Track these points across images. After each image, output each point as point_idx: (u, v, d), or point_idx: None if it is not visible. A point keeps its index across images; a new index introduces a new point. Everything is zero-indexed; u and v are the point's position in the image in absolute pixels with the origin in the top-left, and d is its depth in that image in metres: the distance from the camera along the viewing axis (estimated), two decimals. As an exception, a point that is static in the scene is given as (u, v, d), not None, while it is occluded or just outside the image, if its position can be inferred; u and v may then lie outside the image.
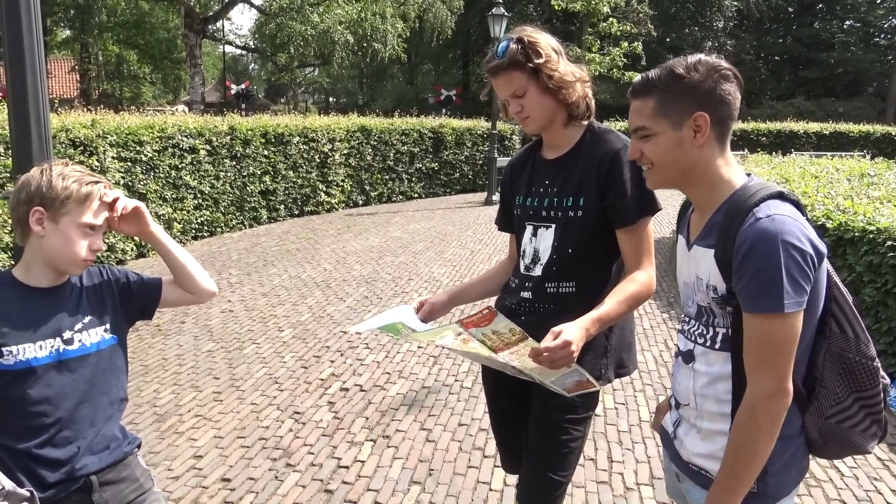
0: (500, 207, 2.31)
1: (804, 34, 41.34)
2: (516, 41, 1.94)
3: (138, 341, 5.49)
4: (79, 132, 7.83)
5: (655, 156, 1.53)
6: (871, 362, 1.45)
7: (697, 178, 1.53)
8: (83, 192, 1.72)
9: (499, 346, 1.73)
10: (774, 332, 1.37)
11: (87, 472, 1.76)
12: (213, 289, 1.99)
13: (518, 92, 1.96)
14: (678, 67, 1.47)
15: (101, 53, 36.52)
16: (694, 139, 1.48)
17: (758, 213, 1.40)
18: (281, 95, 54.49)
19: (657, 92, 1.49)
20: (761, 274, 1.36)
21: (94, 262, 1.82)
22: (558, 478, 2.01)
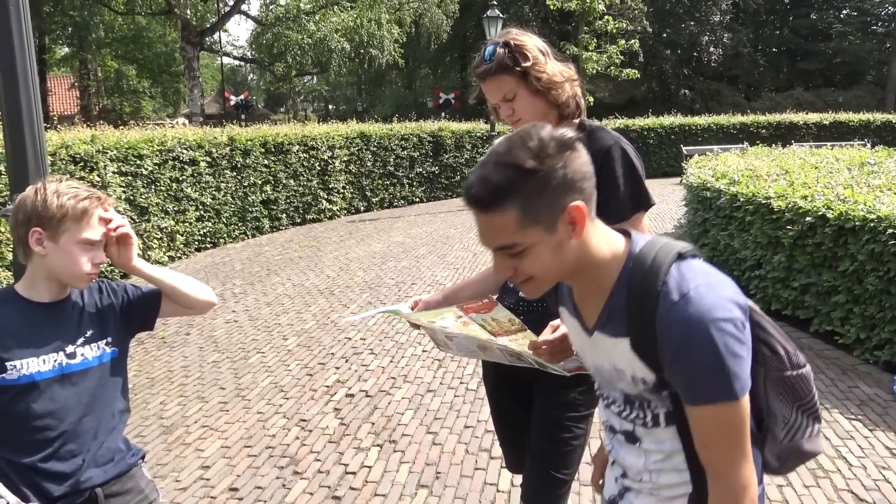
0: None
1: (801, 25, 41.27)
2: (503, 45, 1.95)
3: (144, 354, 5.51)
4: (79, 148, 7.86)
5: (538, 270, 1.26)
6: (804, 369, 1.36)
7: (583, 269, 1.30)
8: (79, 209, 1.73)
9: (498, 332, 1.75)
10: (733, 418, 1.22)
11: (92, 484, 1.77)
12: (210, 300, 1.99)
13: (508, 95, 1.97)
14: (525, 160, 1.19)
15: (100, 69, 36.70)
16: (573, 234, 1.24)
17: (669, 294, 1.21)
18: (280, 105, 54.60)
19: (514, 198, 1.19)
20: (701, 369, 1.19)
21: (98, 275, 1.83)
22: (562, 476, 2.01)
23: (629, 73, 21.30)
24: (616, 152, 1.93)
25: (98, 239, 1.77)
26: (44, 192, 1.74)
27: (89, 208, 1.74)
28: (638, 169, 1.95)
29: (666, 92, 39.75)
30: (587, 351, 1.42)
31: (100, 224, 1.78)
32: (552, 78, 1.94)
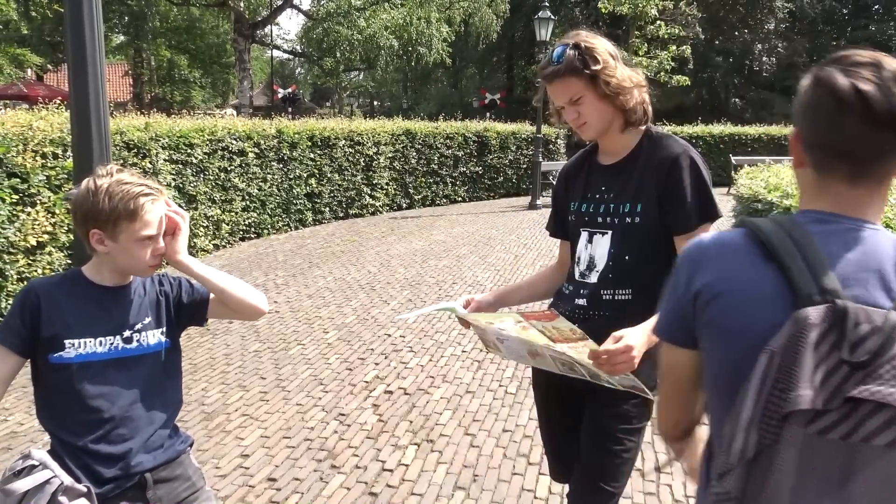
0: (553, 213, 2.27)
1: (859, 36, 40.11)
2: (573, 47, 1.90)
3: (187, 340, 5.60)
4: (132, 135, 8.02)
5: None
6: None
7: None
8: (131, 209, 1.72)
9: (557, 339, 1.72)
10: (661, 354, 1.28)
11: (142, 469, 1.79)
12: (260, 307, 1.93)
13: (575, 98, 1.93)
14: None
15: (153, 58, 37.43)
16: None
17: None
18: (326, 99, 55.09)
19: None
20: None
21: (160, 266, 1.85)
22: (610, 489, 1.97)
23: (679, 80, 20.99)
24: (684, 161, 1.89)
25: (156, 233, 1.78)
26: (96, 191, 1.73)
27: (142, 205, 1.74)
28: (706, 179, 1.90)
29: (716, 100, 39.08)
30: None
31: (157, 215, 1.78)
32: (621, 83, 1.90)
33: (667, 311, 1.22)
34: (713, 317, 1.12)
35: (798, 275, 1.04)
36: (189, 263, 1.85)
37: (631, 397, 1.97)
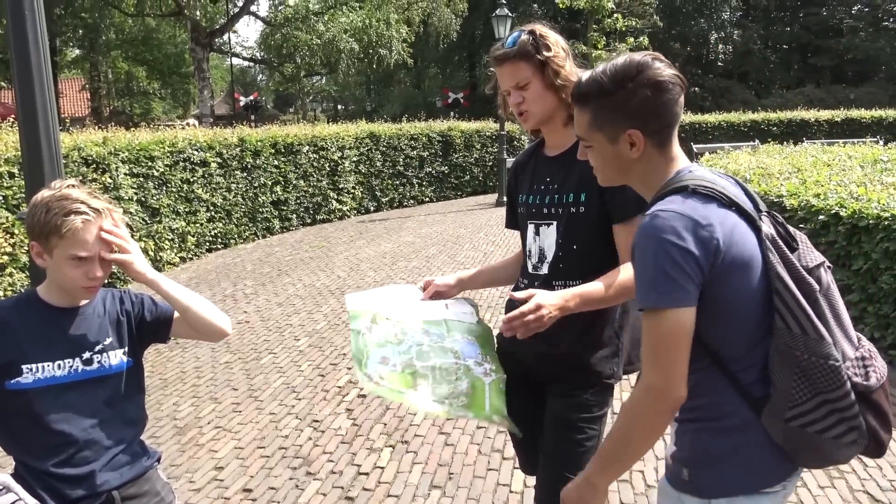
0: (507, 206, 2.31)
1: (812, 21, 40.99)
2: (528, 32, 1.96)
3: (157, 355, 5.53)
4: (91, 150, 7.90)
5: (597, 165, 1.57)
6: (826, 361, 1.34)
7: (641, 181, 1.54)
8: (57, 225, 1.67)
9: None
10: (654, 327, 1.36)
11: (109, 487, 1.77)
12: (224, 329, 1.91)
13: (521, 83, 1.96)
14: (605, 79, 1.45)
15: (110, 71, 36.88)
16: (630, 152, 1.48)
17: (652, 209, 1.40)
18: (289, 105, 54.75)
19: (590, 105, 1.49)
20: (638, 272, 1.39)
21: (100, 286, 1.79)
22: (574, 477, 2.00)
23: (639, 71, 21.21)
24: None
25: (88, 254, 1.70)
26: (37, 203, 1.70)
27: (70, 222, 1.67)
28: None
29: (675, 89, 39.52)
30: None
31: (91, 235, 1.71)
32: (569, 76, 1.94)
33: (677, 278, 1.32)
34: (733, 258, 1.36)
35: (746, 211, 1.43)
36: (157, 280, 1.82)
37: (590, 387, 2.01)
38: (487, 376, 1.96)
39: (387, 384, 1.89)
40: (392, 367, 1.92)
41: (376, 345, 1.95)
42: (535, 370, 2.11)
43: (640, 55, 1.45)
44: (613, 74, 1.44)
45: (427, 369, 1.92)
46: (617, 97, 1.43)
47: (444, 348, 1.98)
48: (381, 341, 1.96)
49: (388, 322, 2.01)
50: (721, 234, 1.35)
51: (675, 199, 1.39)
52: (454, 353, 1.97)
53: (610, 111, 1.45)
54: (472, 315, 2.13)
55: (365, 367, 1.92)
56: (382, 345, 1.95)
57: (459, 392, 1.91)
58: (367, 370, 1.91)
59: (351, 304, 2.10)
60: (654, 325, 1.36)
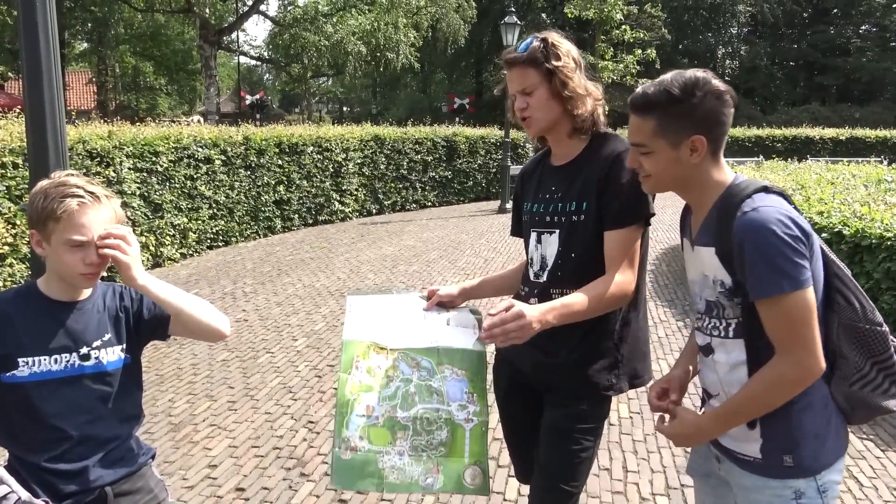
0: (514, 214, 2.31)
1: (819, 39, 41.09)
2: (541, 40, 1.96)
3: (153, 351, 5.52)
4: (96, 143, 7.91)
5: (654, 170, 1.65)
6: (880, 328, 1.54)
7: (692, 186, 1.65)
8: (54, 209, 1.66)
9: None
10: (789, 310, 1.46)
11: (102, 483, 1.77)
12: (221, 330, 1.89)
13: (528, 89, 1.97)
14: (675, 89, 1.56)
15: (117, 65, 36.97)
16: (690, 157, 1.59)
17: (745, 207, 1.51)
18: (295, 105, 54.83)
19: (656, 113, 1.58)
20: (759, 263, 1.47)
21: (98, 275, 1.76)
22: (569, 488, 1.99)
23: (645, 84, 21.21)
24: (626, 158, 1.92)
25: (86, 239, 1.69)
26: (37, 192, 1.70)
27: (66, 206, 1.66)
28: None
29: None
30: (689, 264, 1.74)
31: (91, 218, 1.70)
32: (576, 88, 1.94)
33: (799, 261, 1.45)
34: (813, 245, 1.52)
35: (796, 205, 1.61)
36: (148, 285, 1.75)
37: (587, 397, 2.00)
38: (468, 422, 2.00)
39: (365, 446, 1.97)
40: (374, 420, 1.99)
41: (362, 389, 2.01)
42: (532, 379, 2.11)
43: (699, 71, 1.59)
44: (682, 84, 1.56)
45: (408, 420, 1.99)
46: (686, 105, 1.55)
47: (431, 389, 2.02)
48: (368, 384, 2.02)
49: (382, 355, 2.05)
50: (808, 225, 1.51)
51: (765, 197, 1.53)
52: (438, 396, 2.01)
53: (678, 118, 1.56)
54: (473, 332, 2.12)
55: (346, 426, 1.99)
56: (368, 389, 2.01)
57: (438, 442, 1.98)
58: (348, 432, 1.98)
59: (351, 311, 2.13)
60: (790, 307, 1.46)
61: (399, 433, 1.99)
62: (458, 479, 1.98)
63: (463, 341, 2.08)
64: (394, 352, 2.04)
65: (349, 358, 2.04)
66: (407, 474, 1.98)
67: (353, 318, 2.12)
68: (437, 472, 1.98)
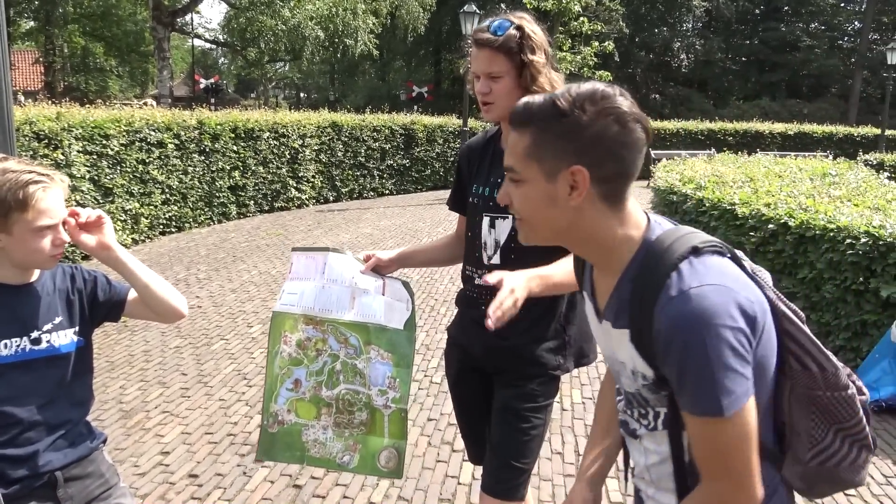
0: (454, 188, 2.28)
1: (771, 36, 42.01)
2: (517, 27, 1.91)
3: (104, 337, 5.42)
4: (43, 125, 7.69)
5: (524, 209, 1.23)
6: (845, 392, 1.23)
7: (581, 240, 1.24)
8: (20, 199, 1.62)
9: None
10: (720, 435, 1.12)
11: (52, 468, 1.74)
12: (180, 310, 1.88)
13: (494, 74, 1.93)
14: (562, 100, 1.16)
15: (66, 45, 35.83)
16: (569, 197, 1.18)
17: (671, 287, 1.12)
18: (251, 90, 53.98)
19: (533, 127, 1.19)
20: (689, 373, 1.11)
21: (64, 256, 1.77)
22: (521, 465, 2.04)
23: (602, 75, 21.44)
24: None
25: (54, 222, 1.67)
26: None
27: (32, 193, 1.63)
28: None
29: (637, 95, 39.72)
30: (600, 338, 1.38)
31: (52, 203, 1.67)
32: (543, 84, 1.93)
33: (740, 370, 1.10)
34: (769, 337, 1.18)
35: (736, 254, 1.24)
36: (121, 255, 1.76)
37: (536, 377, 2.05)
38: (387, 409, 2.06)
39: (292, 419, 2.06)
40: (301, 394, 2.06)
41: (292, 363, 2.07)
42: (483, 362, 2.15)
43: (606, 85, 1.19)
44: (572, 96, 1.16)
45: (332, 399, 2.05)
46: (570, 121, 1.15)
47: (356, 369, 2.06)
48: (298, 357, 2.07)
49: (311, 326, 2.08)
50: (754, 295, 1.15)
51: (699, 268, 1.14)
52: (361, 379, 2.06)
53: (557, 137, 1.16)
54: (406, 307, 2.14)
55: (275, 401, 2.07)
56: (298, 363, 2.07)
57: (358, 422, 2.06)
58: (276, 405, 2.07)
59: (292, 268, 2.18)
60: (724, 429, 1.11)
61: (324, 409, 2.05)
62: (372, 460, 2.06)
63: (396, 318, 2.10)
64: (324, 323, 2.06)
65: (277, 333, 2.09)
66: (327, 449, 2.06)
67: (291, 279, 2.15)
68: (355, 451, 2.06)
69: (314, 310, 2.07)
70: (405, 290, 2.19)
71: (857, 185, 7.42)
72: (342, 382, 2.05)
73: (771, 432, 1.27)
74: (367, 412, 2.05)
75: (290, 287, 2.13)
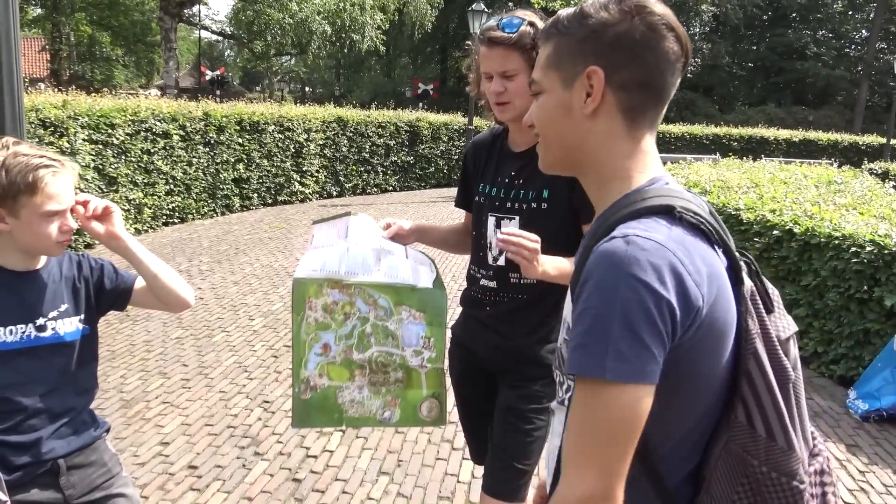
0: (461, 186, 2.27)
1: (778, 42, 41.96)
2: (530, 24, 1.88)
3: (106, 326, 5.42)
4: (49, 112, 7.69)
5: (539, 121, 1.12)
6: (790, 481, 0.99)
7: (589, 164, 1.10)
8: (30, 182, 1.62)
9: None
10: (601, 407, 0.91)
11: (55, 455, 1.74)
12: (187, 299, 1.89)
13: (509, 73, 1.90)
14: (588, 4, 1.05)
15: (72, 34, 35.81)
16: (583, 104, 1.05)
17: (615, 232, 0.97)
18: (256, 83, 53.92)
19: (556, 35, 1.08)
20: (586, 318, 0.93)
21: (71, 243, 1.77)
22: (522, 466, 2.03)
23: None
24: None
25: (62, 207, 1.68)
26: None
27: (41, 177, 1.63)
28: None
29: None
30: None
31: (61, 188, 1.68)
32: None
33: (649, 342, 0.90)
34: (713, 320, 0.97)
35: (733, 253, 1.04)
36: (130, 244, 1.77)
37: (540, 378, 2.04)
38: (423, 368, 2.01)
39: (325, 382, 1.99)
40: (332, 358, 1.99)
41: (318, 327, 1.99)
42: (487, 361, 2.14)
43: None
44: (601, 0, 1.05)
45: (364, 361, 1.99)
46: (592, 22, 1.03)
47: (387, 331, 1.99)
48: (325, 321, 1.99)
49: (337, 290, 1.99)
50: (707, 288, 0.95)
51: (658, 226, 0.97)
52: (394, 340, 2.00)
53: (578, 40, 1.05)
54: (430, 270, 2.08)
55: (304, 367, 2.00)
56: (325, 327, 1.99)
57: (394, 379, 2.01)
58: (307, 371, 2.00)
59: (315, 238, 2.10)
60: (602, 404, 0.91)
61: (357, 371, 2.00)
62: (413, 412, 2.01)
63: (424, 279, 2.04)
64: (350, 286, 1.98)
65: (300, 299, 2.00)
66: (366, 408, 2.00)
67: (313, 248, 2.08)
68: (395, 406, 2.01)
69: (339, 273, 1.99)
70: (426, 256, 2.16)
71: (863, 193, 7.41)
72: (374, 345, 1.99)
73: (686, 486, 1.04)
74: (402, 371, 2.00)
75: (311, 255, 2.04)
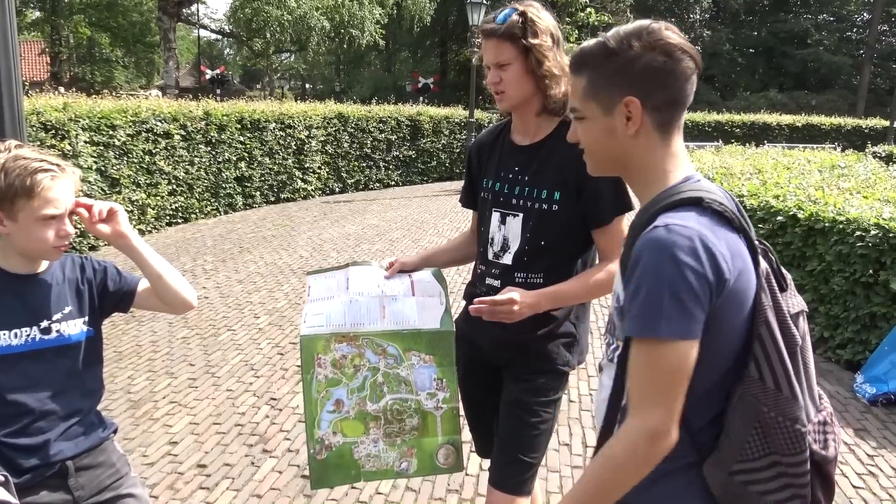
0: (466, 184, 2.27)
1: (779, 28, 41.78)
2: (519, 14, 1.91)
3: (112, 328, 5.43)
4: (50, 115, 7.69)
5: (586, 142, 1.36)
6: (793, 424, 1.21)
7: (635, 170, 1.35)
8: (27, 186, 1.62)
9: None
10: (659, 360, 1.17)
11: (63, 457, 1.75)
12: (190, 301, 1.89)
13: (502, 63, 1.93)
14: (611, 40, 1.27)
15: (72, 36, 35.84)
16: (626, 127, 1.29)
17: (658, 221, 1.21)
18: (257, 81, 53.88)
19: (588, 69, 1.31)
20: (641, 292, 1.18)
21: (69, 248, 1.77)
22: (529, 459, 2.03)
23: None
24: None
25: (59, 212, 1.67)
26: None
27: (39, 181, 1.63)
28: None
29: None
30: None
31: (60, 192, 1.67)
32: (551, 67, 1.91)
33: (692, 307, 1.15)
34: (735, 291, 1.21)
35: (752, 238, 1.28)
36: (136, 244, 1.78)
37: (546, 371, 2.04)
38: (438, 409, 2.03)
39: (339, 440, 1.99)
40: (345, 413, 2.00)
41: (329, 384, 2.00)
42: (492, 355, 2.14)
43: (652, 21, 1.29)
44: (619, 35, 1.27)
45: (379, 412, 2.00)
46: (620, 58, 1.26)
47: (400, 377, 2.01)
48: (335, 377, 2.00)
49: (345, 343, 2.01)
50: (732, 264, 1.20)
51: (690, 215, 1.21)
52: (407, 386, 2.01)
53: (610, 74, 1.27)
54: (439, 302, 2.10)
55: (318, 426, 1.99)
56: (336, 383, 2.00)
57: (410, 427, 2.01)
58: (320, 431, 1.99)
59: (311, 293, 2.10)
60: (659, 357, 1.17)
61: (371, 423, 1.99)
62: (430, 460, 2.01)
63: (430, 318, 2.05)
64: (358, 338, 2.00)
65: (309, 357, 2.00)
66: (383, 461, 2.00)
67: (312, 301, 2.08)
68: (412, 456, 2.01)
69: (345, 326, 2.01)
70: (436, 281, 2.15)
71: (867, 177, 7.38)
72: (387, 393, 2.00)
73: (709, 429, 1.26)
74: (418, 417, 2.01)
75: (314, 308, 2.05)
